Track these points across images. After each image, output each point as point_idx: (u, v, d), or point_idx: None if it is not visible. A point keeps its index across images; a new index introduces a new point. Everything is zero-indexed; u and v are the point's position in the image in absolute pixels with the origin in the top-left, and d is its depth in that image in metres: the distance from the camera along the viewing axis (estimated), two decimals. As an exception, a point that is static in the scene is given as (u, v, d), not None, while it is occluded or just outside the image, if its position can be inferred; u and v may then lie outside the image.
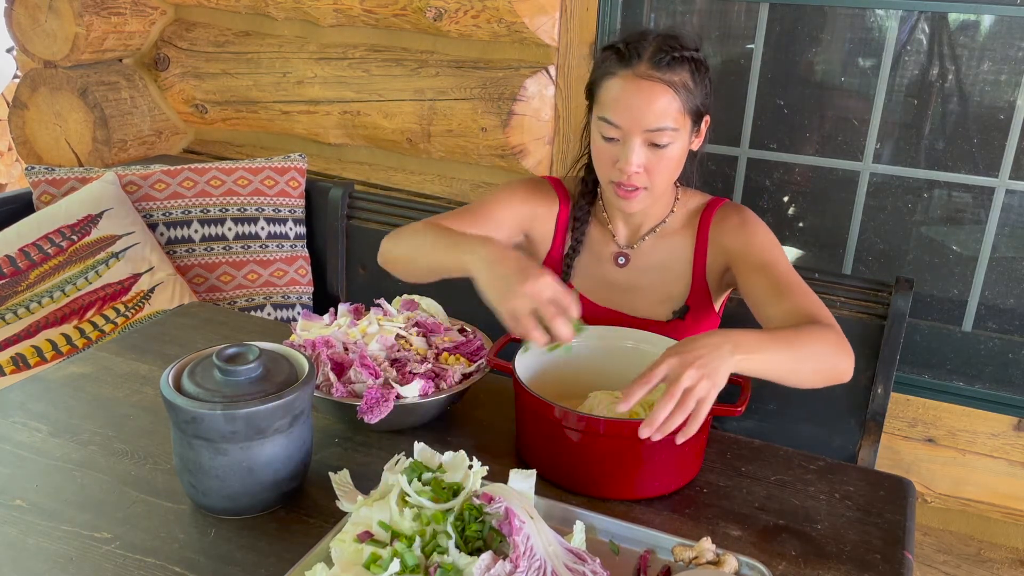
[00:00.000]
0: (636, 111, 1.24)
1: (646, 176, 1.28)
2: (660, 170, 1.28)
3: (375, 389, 1.13)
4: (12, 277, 1.83)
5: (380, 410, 1.12)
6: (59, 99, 2.46)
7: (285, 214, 2.16)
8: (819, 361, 1.13)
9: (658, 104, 1.23)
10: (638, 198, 1.31)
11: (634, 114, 1.24)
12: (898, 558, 1.00)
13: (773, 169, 2.15)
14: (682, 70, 1.25)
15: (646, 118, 1.24)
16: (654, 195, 1.32)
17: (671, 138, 1.26)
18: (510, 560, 0.81)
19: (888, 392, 1.67)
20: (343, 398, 1.14)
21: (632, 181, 1.28)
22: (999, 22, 1.88)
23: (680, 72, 1.25)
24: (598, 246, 1.45)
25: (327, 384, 1.16)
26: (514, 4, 2.03)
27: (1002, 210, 1.95)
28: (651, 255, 1.42)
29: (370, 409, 1.12)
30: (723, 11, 2.11)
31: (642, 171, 1.27)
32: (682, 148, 1.30)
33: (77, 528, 0.98)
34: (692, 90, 1.26)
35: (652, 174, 1.28)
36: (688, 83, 1.25)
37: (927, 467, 2.07)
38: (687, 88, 1.25)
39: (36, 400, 1.25)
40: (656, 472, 1.07)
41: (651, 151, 1.26)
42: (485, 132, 2.17)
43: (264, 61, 2.44)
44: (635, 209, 1.34)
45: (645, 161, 1.27)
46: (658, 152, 1.26)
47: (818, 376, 1.14)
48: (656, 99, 1.23)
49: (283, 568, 0.90)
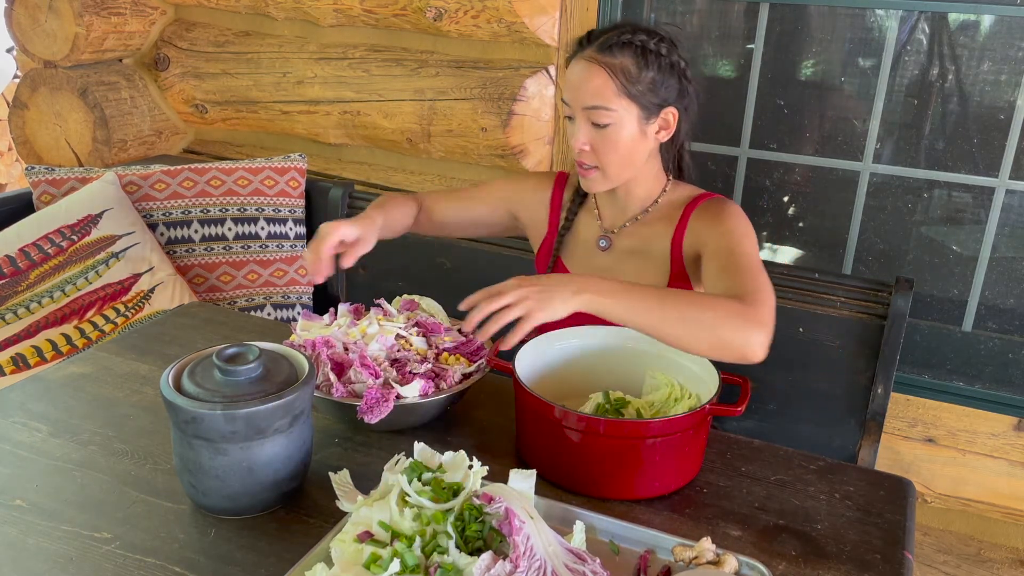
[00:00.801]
0: (576, 89, 1.33)
1: (594, 155, 1.36)
2: (605, 150, 1.35)
3: (375, 389, 1.13)
4: (12, 277, 1.83)
5: (380, 410, 1.12)
6: (59, 99, 2.46)
7: (285, 214, 2.16)
8: (697, 327, 1.10)
9: (592, 83, 1.31)
10: (591, 177, 1.39)
11: (575, 92, 1.34)
12: (898, 558, 1.00)
13: (773, 169, 2.15)
14: (624, 55, 1.31)
15: (583, 96, 1.32)
16: (608, 176, 1.38)
17: (610, 119, 1.32)
18: (510, 560, 0.81)
19: (888, 392, 1.67)
20: (343, 398, 1.14)
21: (582, 159, 1.37)
22: (999, 22, 1.88)
23: (621, 56, 1.31)
24: (585, 230, 1.51)
25: (327, 384, 1.16)
26: (514, 4, 2.03)
27: (1002, 210, 1.95)
28: (632, 240, 1.45)
29: (370, 409, 1.12)
30: (723, 11, 2.11)
31: (589, 149, 1.35)
32: (631, 133, 1.34)
33: (77, 528, 0.98)
34: (632, 75, 1.31)
35: (599, 153, 1.35)
36: (629, 68, 1.31)
37: (927, 467, 2.07)
38: (626, 73, 1.31)
39: (36, 400, 1.25)
40: (656, 472, 1.07)
41: (595, 131, 1.34)
42: (485, 132, 2.17)
43: (264, 61, 2.44)
44: (593, 189, 1.41)
45: (590, 139, 1.35)
46: (601, 132, 1.33)
47: (698, 344, 1.11)
48: (591, 78, 1.31)
49: (283, 568, 0.90)
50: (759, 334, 1.10)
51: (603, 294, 1.08)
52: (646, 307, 1.09)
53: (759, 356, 1.11)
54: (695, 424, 1.07)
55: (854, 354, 1.70)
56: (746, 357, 1.10)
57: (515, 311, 1.06)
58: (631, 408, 1.19)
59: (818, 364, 1.73)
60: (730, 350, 1.10)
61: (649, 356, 1.25)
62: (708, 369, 1.16)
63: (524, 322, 1.06)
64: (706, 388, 1.14)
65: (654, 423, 1.05)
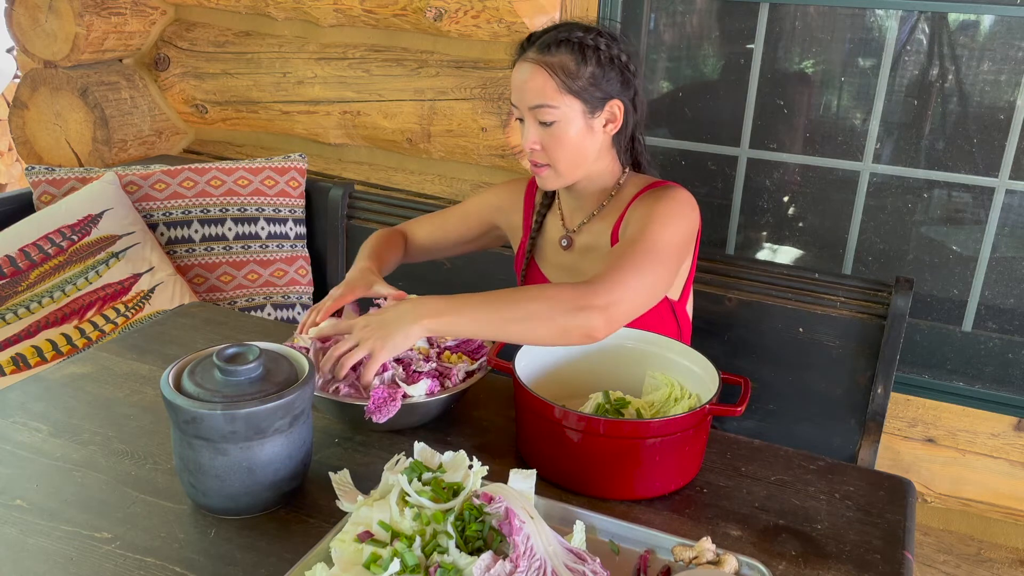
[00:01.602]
0: (520, 90, 1.36)
1: (544, 153, 1.37)
2: (553, 147, 1.36)
3: (382, 389, 1.13)
4: (12, 277, 1.83)
5: (388, 409, 1.11)
6: (59, 99, 2.46)
7: (285, 214, 2.16)
8: (538, 321, 1.14)
9: (534, 83, 1.34)
10: (544, 175, 1.40)
11: (519, 93, 1.36)
12: (898, 558, 1.00)
13: (773, 169, 2.15)
14: (562, 53, 1.33)
15: (525, 96, 1.35)
16: (560, 172, 1.39)
17: (553, 116, 1.34)
18: (510, 560, 0.81)
19: (888, 392, 1.67)
20: (349, 398, 1.14)
21: (534, 157, 1.38)
22: (999, 22, 1.88)
23: (559, 55, 1.33)
24: (552, 231, 1.53)
25: (330, 384, 1.16)
26: (514, 4, 2.03)
27: (1002, 210, 1.95)
28: (588, 236, 1.47)
29: (378, 409, 1.11)
30: (723, 11, 2.11)
31: (539, 148, 1.37)
32: (577, 129, 1.35)
33: (77, 528, 0.98)
34: (572, 72, 1.33)
35: (549, 151, 1.37)
36: (568, 65, 1.33)
37: (927, 467, 2.07)
38: (565, 70, 1.33)
39: (36, 400, 1.25)
40: (656, 472, 1.07)
41: (542, 129, 1.36)
42: (485, 132, 2.17)
43: (264, 61, 2.44)
44: (548, 186, 1.43)
45: (539, 138, 1.36)
46: (548, 130, 1.35)
47: (543, 337, 1.16)
48: (531, 78, 1.34)
49: (283, 568, 0.90)
50: (596, 314, 1.15)
51: (440, 315, 1.13)
52: (485, 316, 1.14)
53: (601, 335, 1.16)
54: (695, 424, 1.07)
55: (854, 354, 1.70)
56: (590, 336, 1.16)
57: (360, 351, 1.12)
58: (631, 408, 1.19)
59: (818, 364, 1.74)
60: (572, 333, 1.15)
61: (649, 356, 1.25)
62: (708, 369, 1.16)
63: (371, 361, 1.12)
64: (706, 388, 1.14)
65: (654, 423, 1.06)
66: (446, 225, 1.62)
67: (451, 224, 1.62)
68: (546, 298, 1.15)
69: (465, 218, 1.62)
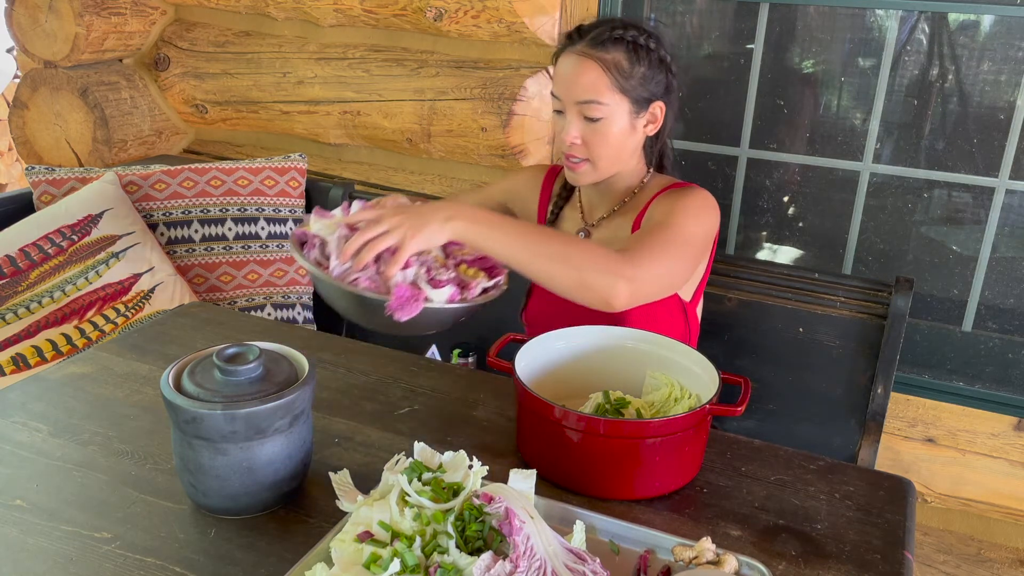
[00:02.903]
0: (569, 84, 1.35)
1: (585, 148, 1.37)
2: (596, 143, 1.36)
3: (405, 287, 1.06)
4: (12, 277, 1.83)
5: (411, 308, 1.05)
6: (59, 99, 2.46)
7: (285, 214, 2.16)
8: (562, 265, 1.14)
9: (586, 78, 1.33)
10: (581, 170, 1.40)
11: (568, 87, 1.35)
12: (898, 558, 1.00)
13: (773, 169, 2.15)
14: (616, 50, 1.33)
15: (576, 91, 1.34)
16: (598, 169, 1.39)
17: (602, 113, 1.34)
18: (510, 560, 0.81)
19: (888, 392, 1.67)
20: (369, 291, 1.05)
21: (573, 152, 1.38)
22: (999, 22, 1.88)
23: (614, 52, 1.33)
24: (569, 224, 1.54)
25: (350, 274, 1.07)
26: (514, 4, 2.03)
27: (1002, 210, 1.95)
28: (606, 232, 1.48)
29: (401, 307, 1.04)
30: (723, 11, 2.11)
31: (580, 143, 1.37)
32: (621, 127, 1.36)
33: (77, 528, 0.98)
34: (625, 71, 1.33)
35: (590, 147, 1.37)
36: (621, 63, 1.33)
37: (927, 467, 2.07)
38: (619, 68, 1.33)
39: (36, 400, 1.25)
40: (656, 472, 1.07)
41: (587, 124, 1.35)
42: (485, 132, 2.17)
43: (264, 61, 2.44)
44: (581, 181, 1.42)
45: (581, 133, 1.36)
46: (592, 126, 1.35)
47: (561, 281, 1.15)
48: (585, 73, 1.33)
49: (283, 568, 0.90)
50: (623, 284, 1.15)
51: (476, 222, 1.11)
52: (517, 240, 1.12)
53: (619, 304, 1.16)
54: (695, 424, 1.07)
55: (854, 354, 1.70)
56: (607, 303, 1.16)
57: (390, 239, 1.06)
58: (631, 408, 1.19)
59: (818, 364, 1.74)
60: (593, 292, 1.15)
61: (649, 356, 1.25)
62: (708, 369, 1.16)
63: (400, 251, 1.06)
64: (706, 388, 1.14)
65: (654, 423, 1.05)
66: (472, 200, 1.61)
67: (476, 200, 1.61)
68: (580, 249, 1.15)
69: (485, 203, 1.61)
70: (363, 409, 1.26)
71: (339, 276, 1.08)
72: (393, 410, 1.26)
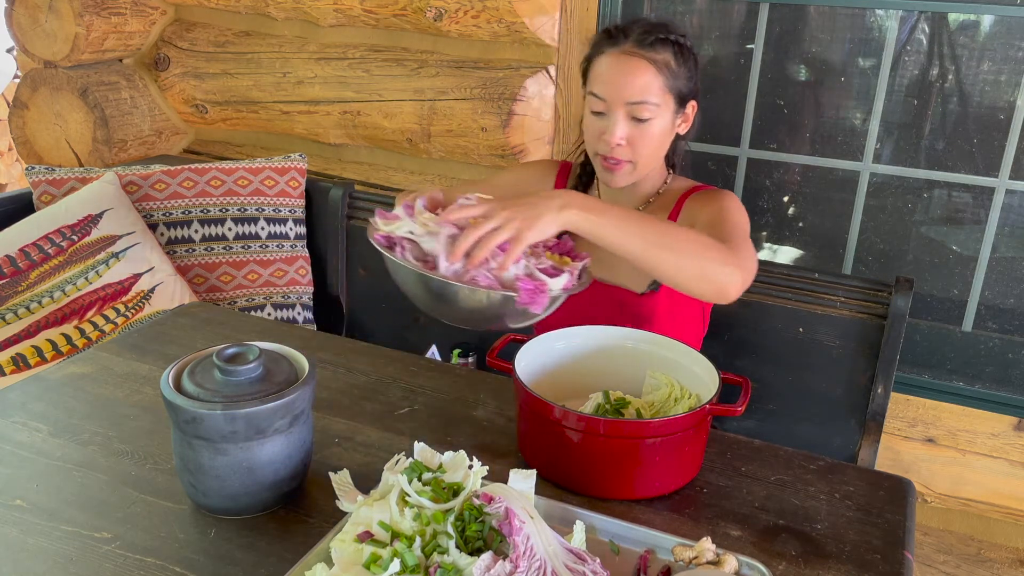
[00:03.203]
0: (620, 85, 1.32)
1: (630, 150, 1.35)
2: (642, 144, 1.35)
3: (527, 279, 1.04)
4: (12, 277, 1.83)
5: (540, 300, 1.02)
6: (59, 99, 2.46)
7: (285, 214, 2.16)
8: (680, 255, 1.11)
9: (640, 79, 1.32)
10: (622, 171, 1.38)
11: (618, 87, 1.32)
12: (898, 558, 1.00)
13: (773, 169, 2.15)
14: (665, 51, 1.33)
15: (628, 91, 1.32)
16: (638, 170, 1.39)
17: (652, 113, 1.33)
18: (510, 560, 0.81)
19: (888, 392, 1.67)
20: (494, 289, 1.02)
21: (616, 154, 1.36)
22: (999, 22, 1.88)
23: (663, 52, 1.33)
24: None
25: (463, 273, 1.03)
26: (514, 4, 2.03)
27: (1002, 210, 1.95)
28: None
29: (532, 300, 1.01)
30: (723, 11, 2.11)
31: (625, 144, 1.35)
32: (664, 126, 1.36)
33: (77, 528, 0.98)
34: (674, 71, 1.33)
35: (635, 148, 1.35)
36: (671, 63, 1.33)
37: (927, 467, 2.07)
38: (669, 68, 1.33)
39: (36, 400, 1.25)
40: (656, 472, 1.07)
41: (634, 125, 1.34)
42: (485, 132, 2.17)
43: (264, 61, 2.44)
44: (620, 183, 1.40)
45: (628, 134, 1.34)
46: (640, 126, 1.34)
47: (680, 271, 1.12)
48: (639, 74, 1.32)
49: (283, 568, 0.90)
50: (738, 275, 1.15)
51: (591, 211, 1.07)
52: (633, 229, 1.09)
53: (734, 295, 1.16)
54: (695, 424, 1.07)
55: (854, 354, 1.70)
56: (723, 293, 1.15)
57: (503, 233, 1.03)
58: (631, 408, 1.19)
59: (818, 364, 1.73)
60: (710, 284, 1.14)
61: (649, 356, 1.25)
62: (708, 369, 1.16)
63: (515, 244, 1.03)
64: (706, 388, 1.14)
65: (654, 423, 1.05)
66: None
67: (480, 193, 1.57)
68: (696, 239, 1.14)
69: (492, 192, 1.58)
70: (363, 409, 1.26)
71: (453, 277, 1.04)
72: (393, 410, 1.26)
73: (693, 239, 1.14)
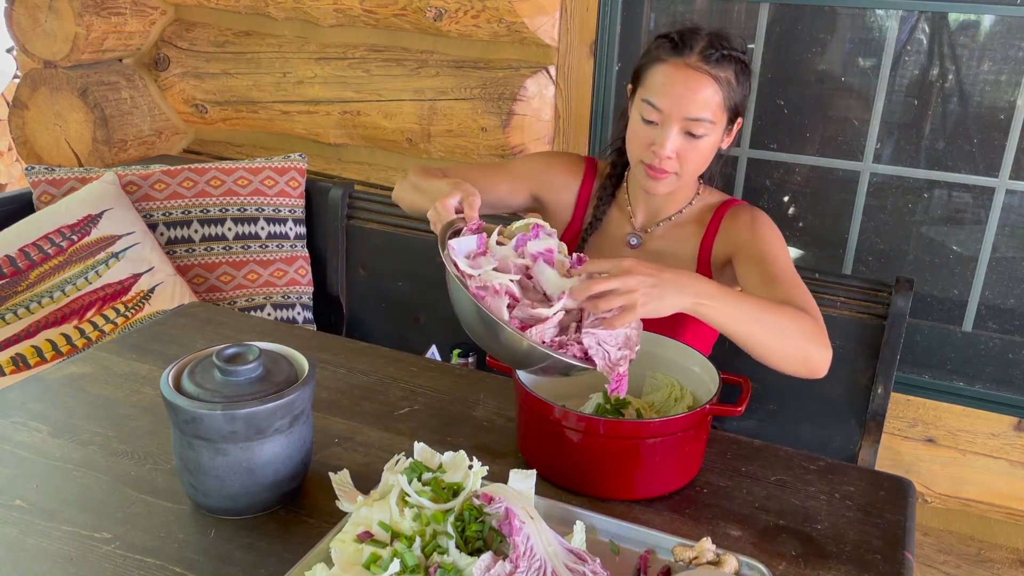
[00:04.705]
0: (680, 98, 1.29)
1: (677, 162, 1.33)
2: (691, 159, 1.33)
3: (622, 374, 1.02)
4: (12, 277, 1.83)
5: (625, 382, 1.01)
6: (59, 99, 2.46)
7: (285, 214, 2.16)
8: (787, 339, 1.13)
9: (702, 95, 1.29)
10: (666, 181, 1.36)
11: (677, 100, 1.29)
12: (898, 558, 1.00)
13: (773, 169, 2.15)
14: (729, 68, 1.30)
15: (688, 106, 1.29)
16: (682, 182, 1.37)
17: (707, 130, 1.31)
18: (510, 560, 0.81)
19: (888, 392, 1.67)
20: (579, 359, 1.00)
21: (663, 165, 1.33)
22: (999, 22, 1.88)
23: (727, 69, 1.30)
24: (615, 227, 1.50)
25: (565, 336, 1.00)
26: (514, 4, 2.03)
27: (1002, 210, 1.95)
28: (662, 241, 1.46)
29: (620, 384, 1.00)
30: (723, 11, 2.11)
31: (674, 157, 1.33)
32: (715, 142, 1.35)
33: (77, 528, 0.98)
34: (735, 88, 1.31)
35: (683, 162, 1.33)
36: (732, 81, 1.31)
37: (927, 467, 2.07)
38: (730, 85, 1.31)
39: (36, 400, 1.25)
40: (656, 472, 1.07)
41: (686, 139, 1.31)
42: (485, 132, 2.17)
43: (264, 61, 2.44)
44: (661, 191, 1.39)
45: (679, 147, 1.32)
46: (692, 141, 1.32)
47: (785, 355, 1.14)
48: (701, 89, 1.29)
49: (283, 568, 0.90)
50: (829, 355, 1.16)
51: (711, 298, 1.08)
52: (744, 314, 1.11)
53: (823, 373, 1.17)
54: (695, 424, 1.07)
55: (854, 354, 1.70)
56: (816, 373, 1.16)
57: (619, 299, 1.01)
58: (631, 408, 1.19)
59: (818, 364, 1.73)
60: (808, 365, 1.15)
61: (649, 356, 1.25)
62: (708, 369, 1.16)
63: (627, 313, 1.01)
64: (706, 388, 1.14)
65: (654, 423, 1.05)
66: (493, 178, 1.48)
67: (498, 179, 1.49)
68: (793, 319, 1.14)
69: (515, 178, 1.51)
70: (363, 409, 1.26)
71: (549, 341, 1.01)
72: (393, 410, 1.26)
73: (798, 320, 1.14)
